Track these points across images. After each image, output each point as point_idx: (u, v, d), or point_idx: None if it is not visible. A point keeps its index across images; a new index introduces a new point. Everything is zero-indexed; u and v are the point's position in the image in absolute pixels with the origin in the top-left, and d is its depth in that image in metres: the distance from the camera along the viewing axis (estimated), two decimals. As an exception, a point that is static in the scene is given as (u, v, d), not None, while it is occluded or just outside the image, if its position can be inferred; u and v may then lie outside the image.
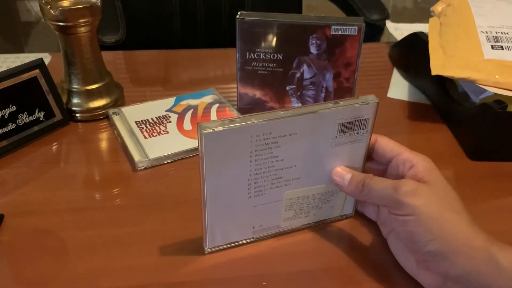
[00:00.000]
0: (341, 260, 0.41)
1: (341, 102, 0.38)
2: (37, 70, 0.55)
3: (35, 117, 0.55)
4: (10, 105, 0.53)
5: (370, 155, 0.42)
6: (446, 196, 0.36)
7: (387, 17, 0.94)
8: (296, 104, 0.60)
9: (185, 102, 0.62)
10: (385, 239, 0.42)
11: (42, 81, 0.56)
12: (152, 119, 0.58)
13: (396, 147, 0.41)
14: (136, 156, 0.52)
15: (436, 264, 0.35)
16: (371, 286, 0.39)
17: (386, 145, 0.41)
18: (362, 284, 0.39)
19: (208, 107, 0.61)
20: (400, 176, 0.39)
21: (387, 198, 0.37)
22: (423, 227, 0.35)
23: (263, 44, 0.56)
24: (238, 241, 0.42)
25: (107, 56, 0.68)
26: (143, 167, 0.52)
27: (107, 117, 0.60)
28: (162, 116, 0.59)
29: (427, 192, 0.36)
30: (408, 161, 0.39)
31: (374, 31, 0.94)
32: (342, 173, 0.41)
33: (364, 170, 0.43)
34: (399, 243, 0.39)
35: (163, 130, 0.56)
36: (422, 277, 0.38)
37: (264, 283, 0.39)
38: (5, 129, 0.53)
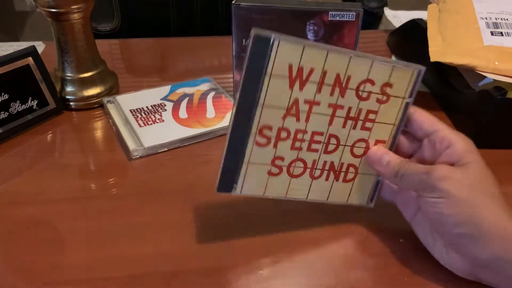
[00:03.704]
0: (342, 248, 0.41)
1: None
2: (30, 58, 0.54)
3: (28, 106, 0.55)
4: (2, 94, 0.52)
5: (405, 127, 0.41)
6: (482, 180, 0.36)
7: (385, 5, 0.93)
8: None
9: (181, 91, 0.61)
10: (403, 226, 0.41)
11: (35, 69, 0.55)
12: (147, 107, 0.57)
13: (435, 122, 0.39)
14: (131, 145, 0.51)
15: (465, 247, 0.35)
16: (369, 273, 0.39)
17: (425, 118, 0.39)
18: (364, 272, 0.39)
19: (204, 95, 0.60)
20: (436, 154, 0.38)
21: (420, 182, 0.36)
22: (453, 209, 0.34)
23: (259, 31, 0.55)
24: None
25: (102, 44, 0.67)
26: (138, 156, 0.51)
27: (101, 105, 0.59)
28: (157, 104, 0.58)
29: (461, 176, 0.35)
30: (446, 140, 0.37)
31: (372, 19, 0.93)
32: (380, 153, 0.40)
33: (397, 144, 0.41)
34: (426, 226, 0.39)
35: (158, 119, 0.55)
36: (451, 261, 0.37)
37: (260, 271, 0.39)
38: (-3, 118, 0.52)
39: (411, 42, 0.70)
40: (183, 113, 0.57)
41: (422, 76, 0.39)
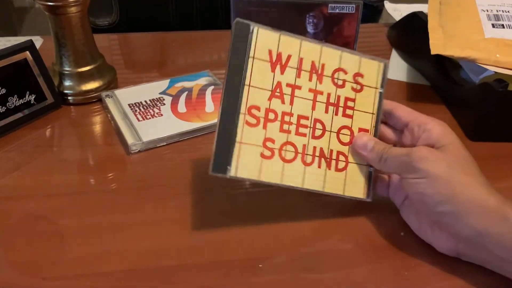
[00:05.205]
0: (343, 242, 0.41)
1: None
2: (27, 52, 0.54)
3: (26, 100, 0.54)
4: (0, 88, 0.52)
5: (385, 121, 0.44)
6: (460, 159, 0.37)
7: (386, -2, 0.93)
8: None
9: (180, 85, 0.61)
10: (396, 211, 0.42)
11: (33, 63, 0.54)
12: (145, 101, 0.57)
13: (413, 112, 0.41)
14: (129, 139, 0.51)
15: (448, 224, 0.36)
16: (370, 267, 0.39)
17: (403, 111, 0.42)
18: (364, 265, 0.39)
19: (203, 89, 0.60)
20: (415, 139, 0.40)
21: (402, 165, 0.38)
22: (434, 189, 0.36)
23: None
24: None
25: (100, 38, 0.67)
26: (136, 150, 0.51)
27: (100, 100, 0.59)
28: (156, 98, 0.58)
29: (439, 157, 0.37)
30: (423, 124, 0.39)
31: (372, 12, 0.93)
32: (365, 139, 0.42)
33: (381, 135, 0.44)
34: (413, 210, 0.40)
35: (157, 113, 0.55)
36: (436, 240, 0.39)
37: (260, 265, 0.38)
38: (-5, 113, 0.52)
39: (411, 35, 0.70)
40: (182, 107, 0.56)
41: (388, 68, 0.43)
